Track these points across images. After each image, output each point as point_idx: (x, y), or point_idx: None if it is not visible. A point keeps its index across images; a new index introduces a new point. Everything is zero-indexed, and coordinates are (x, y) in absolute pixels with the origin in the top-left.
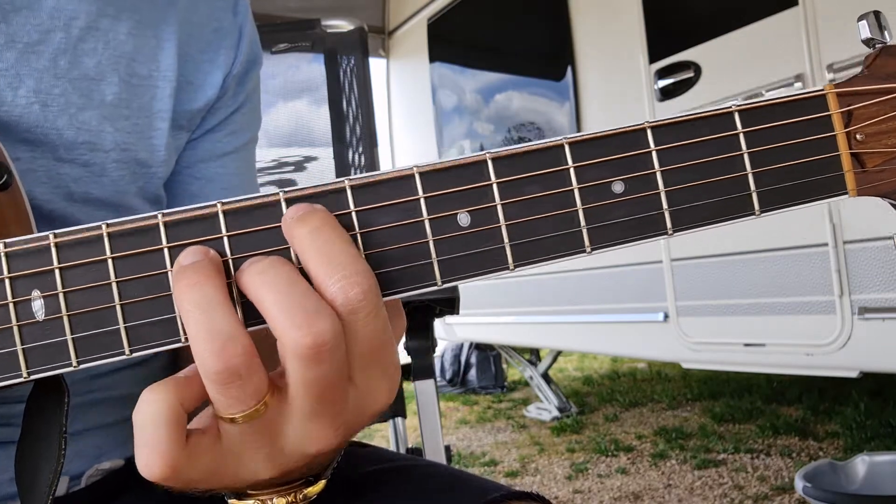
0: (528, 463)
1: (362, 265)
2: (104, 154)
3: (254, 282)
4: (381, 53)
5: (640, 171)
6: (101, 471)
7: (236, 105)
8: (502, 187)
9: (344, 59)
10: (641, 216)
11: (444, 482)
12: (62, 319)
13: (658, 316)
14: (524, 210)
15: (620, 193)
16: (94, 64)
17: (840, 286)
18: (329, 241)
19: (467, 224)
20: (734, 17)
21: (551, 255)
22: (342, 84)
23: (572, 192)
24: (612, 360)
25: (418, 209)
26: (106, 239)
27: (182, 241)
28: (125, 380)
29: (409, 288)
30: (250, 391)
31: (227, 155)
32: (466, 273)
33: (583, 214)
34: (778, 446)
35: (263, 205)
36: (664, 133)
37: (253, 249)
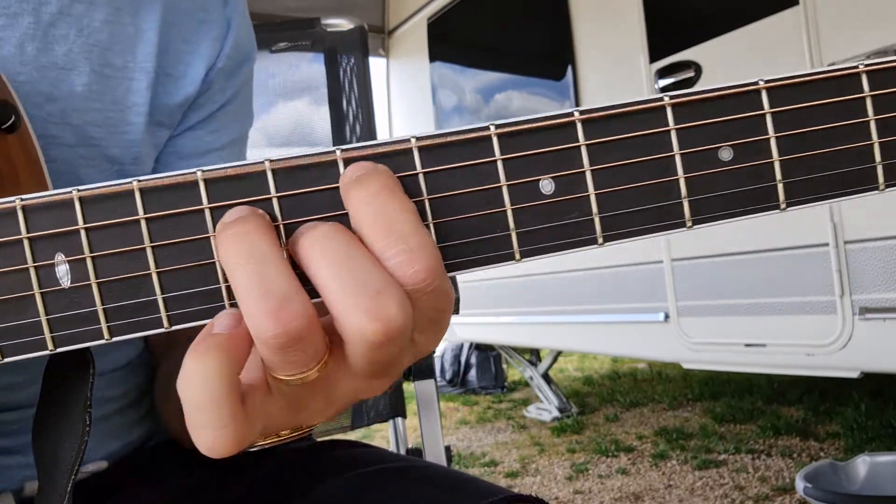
0: (528, 463)
1: (426, 237)
2: (69, 149)
3: (307, 252)
4: (381, 53)
5: (752, 136)
6: (85, 473)
7: (223, 101)
8: (592, 151)
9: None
10: (751, 188)
11: (443, 484)
12: (90, 287)
13: (658, 316)
14: (616, 178)
15: (728, 161)
16: (64, 52)
17: (841, 286)
18: (389, 208)
19: (551, 191)
20: (735, 17)
21: (646, 228)
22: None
23: (673, 158)
24: (613, 361)
25: (495, 173)
26: (138, 196)
27: (225, 201)
28: (99, 384)
29: (484, 261)
30: (311, 354)
31: (210, 153)
32: (548, 246)
33: (684, 184)
34: (779, 447)
35: (318, 164)
36: (781, 95)
37: (306, 214)
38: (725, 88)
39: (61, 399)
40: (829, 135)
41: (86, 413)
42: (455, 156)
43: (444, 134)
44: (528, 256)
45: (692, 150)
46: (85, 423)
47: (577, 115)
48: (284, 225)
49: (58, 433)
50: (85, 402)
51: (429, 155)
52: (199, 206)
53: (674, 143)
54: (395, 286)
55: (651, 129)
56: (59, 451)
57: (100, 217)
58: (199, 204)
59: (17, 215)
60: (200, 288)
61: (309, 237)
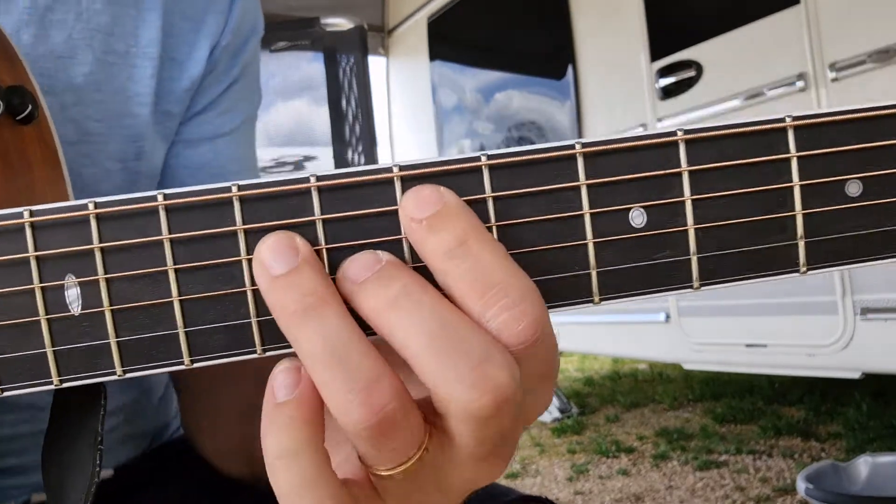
0: (528, 464)
1: (524, 283)
2: (70, 147)
3: (387, 315)
4: (380, 52)
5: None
6: None
7: (229, 81)
8: (694, 178)
9: (343, 58)
10: (883, 230)
11: None
12: (103, 315)
13: (659, 316)
14: (720, 211)
15: (856, 197)
16: (63, 39)
17: (842, 286)
18: (479, 259)
19: (642, 224)
20: (736, 16)
21: (750, 274)
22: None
23: (791, 189)
24: (613, 361)
25: (578, 201)
26: (163, 214)
27: (261, 222)
28: None
29: (557, 304)
30: (408, 439)
31: (219, 138)
32: (633, 291)
33: (801, 221)
34: (780, 447)
35: (369, 182)
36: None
37: (352, 239)
38: (860, 111)
39: (68, 430)
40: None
41: (96, 450)
42: (531, 178)
43: (520, 152)
44: (610, 299)
45: (814, 182)
46: (95, 462)
47: (681, 134)
48: (327, 250)
49: (65, 465)
50: (95, 437)
51: (500, 176)
52: (232, 228)
53: (794, 171)
54: (500, 349)
55: (765, 155)
56: (66, 484)
57: (118, 234)
58: (232, 221)
59: (25, 229)
60: (229, 322)
61: (384, 295)
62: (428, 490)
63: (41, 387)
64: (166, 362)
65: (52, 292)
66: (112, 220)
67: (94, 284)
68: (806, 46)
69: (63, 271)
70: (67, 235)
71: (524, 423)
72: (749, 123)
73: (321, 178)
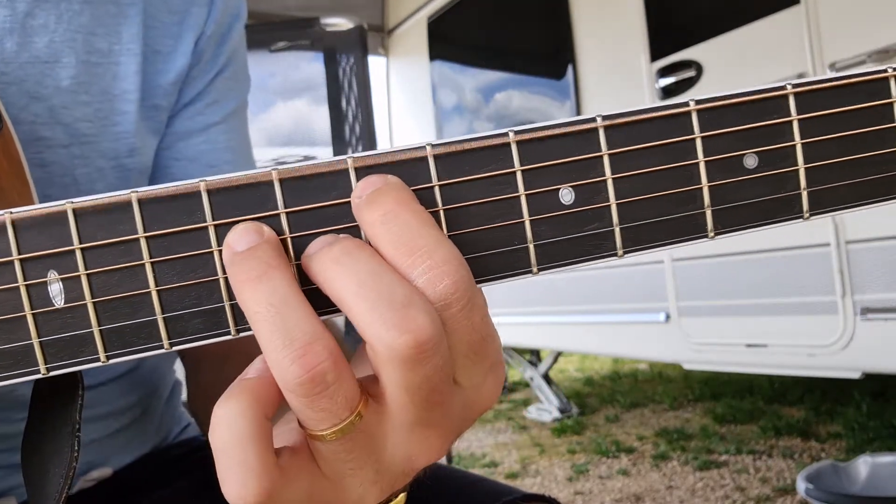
0: (528, 464)
1: (448, 249)
2: (62, 150)
3: (328, 272)
4: (380, 52)
5: (778, 143)
6: (89, 481)
7: (216, 69)
8: (614, 160)
9: (343, 58)
10: (775, 197)
11: (456, 485)
12: (86, 307)
13: (659, 316)
14: (638, 187)
15: (753, 169)
16: (45, 44)
17: (842, 286)
18: (406, 225)
19: (570, 201)
20: (736, 16)
21: (668, 240)
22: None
23: (697, 165)
24: (613, 361)
25: (514, 183)
26: (137, 209)
27: (230, 216)
28: (111, 392)
29: (500, 276)
30: (340, 401)
31: (211, 127)
32: (567, 260)
33: (708, 192)
34: (780, 447)
35: (328, 173)
36: (809, 99)
37: (316, 226)
38: (752, 94)
39: (49, 419)
40: (856, 141)
41: (74, 437)
42: (472, 164)
43: (461, 141)
44: (546, 270)
45: (716, 157)
46: (73, 449)
47: (600, 121)
48: (293, 239)
49: (46, 455)
50: (73, 426)
51: (445, 163)
52: (203, 224)
53: (699, 149)
54: (422, 297)
55: (675, 136)
56: (47, 474)
57: (96, 231)
58: (202, 216)
59: (7, 231)
60: (204, 307)
61: (328, 255)
62: (362, 460)
63: (29, 376)
64: (147, 346)
65: (36, 288)
66: (89, 218)
67: (75, 279)
68: (806, 46)
69: (45, 268)
70: (48, 234)
71: (467, 406)
72: (658, 108)
73: (281, 170)
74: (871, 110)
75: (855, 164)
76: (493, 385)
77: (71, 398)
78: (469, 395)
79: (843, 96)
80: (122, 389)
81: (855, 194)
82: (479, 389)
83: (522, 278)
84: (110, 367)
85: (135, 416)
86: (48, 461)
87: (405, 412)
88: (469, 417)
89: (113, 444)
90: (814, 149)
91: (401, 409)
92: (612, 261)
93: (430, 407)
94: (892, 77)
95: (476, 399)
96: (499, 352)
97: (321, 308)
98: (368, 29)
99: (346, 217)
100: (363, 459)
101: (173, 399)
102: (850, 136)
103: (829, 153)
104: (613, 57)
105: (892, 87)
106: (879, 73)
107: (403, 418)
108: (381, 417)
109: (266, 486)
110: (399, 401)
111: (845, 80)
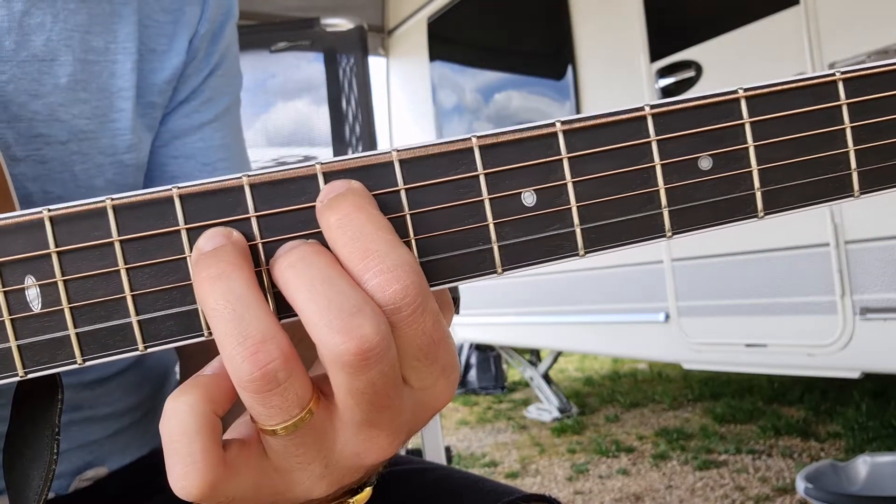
0: (528, 464)
1: (401, 254)
2: (61, 146)
3: (284, 276)
4: (380, 52)
5: (731, 145)
6: (85, 480)
7: (210, 67)
8: (574, 163)
9: (343, 58)
10: (730, 197)
11: (458, 485)
12: (62, 311)
13: (659, 316)
14: (597, 189)
15: (707, 171)
16: (42, 42)
17: (841, 286)
18: (361, 229)
19: (533, 204)
20: (735, 16)
21: (627, 240)
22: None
23: (654, 168)
24: (613, 361)
25: (477, 187)
26: (111, 216)
27: (202, 220)
28: (113, 391)
29: (466, 277)
30: (291, 399)
31: (206, 125)
32: (531, 260)
33: (664, 194)
34: (779, 447)
35: (297, 178)
36: (761, 103)
37: (285, 231)
38: (705, 98)
39: (29, 426)
40: (806, 143)
41: (53, 441)
42: (436, 168)
43: (426, 146)
44: (510, 270)
45: (672, 160)
46: (52, 452)
47: (560, 126)
48: (263, 244)
49: (22, 462)
50: (53, 429)
51: (410, 168)
52: (175, 227)
53: (655, 152)
54: (371, 305)
55: (631, 140)
56: (26, 479)
57: (72, 237)
58: (175, 221)
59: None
60: (176, 309)
61: (286, 260)
62: (311, 455)
63: (7, 379)
64: (122, 349)
65: (14, 294)
66: (66, 224)
67: (52, 284)
68: (805, 47)
69: (23, 273)
70: (24, 240)
71: (420, 406)
72: (615, 113)
73: (252, 175)
74: (820, 113)
75: (807, 165)
76: (445, 387)
77: (50, 402)
78: (420, 396)
79: (793, 99)
80: (123, 391)
81: (807, 194)
82: (430, 391)
83: (487, 278)
84: (112, 367)
85: (135, 419)
86: (28, 465)
87: (352, 413)
88: (422, 418)
89: (112, 445)
90: (766, 150)
91: (347, 410)
92: (611, 260)
93: (376, 410)
94: (839, 80)
95: (427, 400)
96: (452, 355)
97: (289, 311)
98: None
99: (314, 222)
100: (312, 454)
101: None
102: (801, 138)
103: (781, 155)
104: (613, 57)
105: (841, 90)
106: (828, 77)
107: (350, 418)
108: (331, 416)
109: (209, 479)
110: (346, 402)
111: (795, 84)
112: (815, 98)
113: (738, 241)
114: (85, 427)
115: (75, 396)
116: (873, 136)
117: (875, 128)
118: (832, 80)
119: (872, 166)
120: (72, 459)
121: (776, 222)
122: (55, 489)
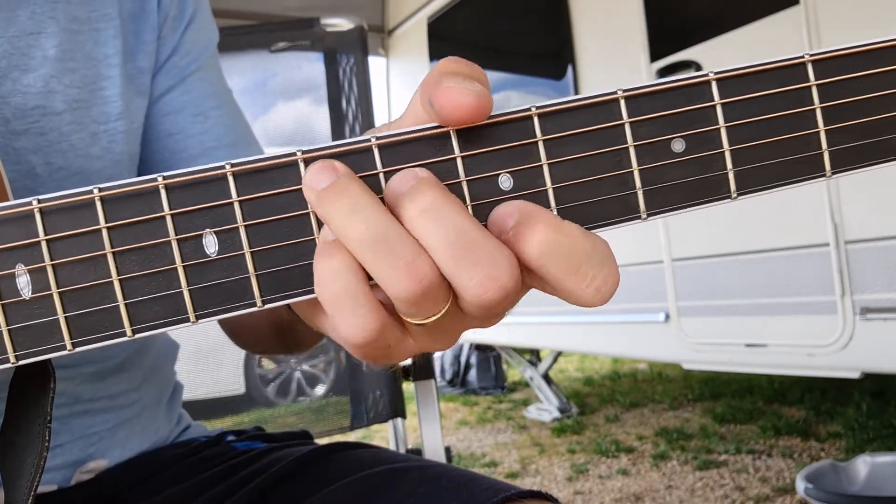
0: (528, 464)
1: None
2: (57, 117)
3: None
4: (380, 52)
5: (703, 127)
6: (86, 473)
7: (185, 22)
8: (548, 146)
9: (343, 58)
10: (703, 177)
11: (453, 482)
12: (52, 297)
13: (659, 316)
14: (570, 171)
15: (681, 153)
16: (28, 15)
17: (842, 286)
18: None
19: (510, 188)
20: (735, 16)
21: (601, 221)
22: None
23: (627, 150)
24: (613, 361)
25: (455, 171)
26: (99, 205)
27: (187, 207)
28: (114, 384)
29: None
30: (440, 301)
31: (188, 77)
32: None
33: (638, 175)
34: (779, 447)
35: (279, 166)
36: (731, 85)
37: (268, 215)
38: (676, 81)
39: (23, 414)
40: (776, 124)
41: (45, 429)
42: (415, 154)
43: (404, 132)
44: None
45: (645, 142)
46: (44, 439)
47: (535, 110)
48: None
49: (20, 447)
50: (45, 417)
51: (388, 153)
52: (161, 213)
53: (628, 134)
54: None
55: (604, 123)
56: (22, 464)
57: (62, 225)
58: (161, 208)
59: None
60: (163, 293)
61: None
62: (440, 332)
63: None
64: (110, 333)
65: (5, 280)
66: (56, 213)
67: (41, 271)
68: (805, 47)
69: (14, 261)
70: (15, 229)
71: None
72: (590, 97)
73: (235, 164)
74: (791, 93)
75: (778, 146)
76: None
77: (43, 391)
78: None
79: (764, 81)
80: (123, 385)
81: (779, 174)
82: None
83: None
84: (112, 361)
85: (135, 413)
86: (22, 452)
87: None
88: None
89: (112, 438)
90: (738, 132)
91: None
92: None
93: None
94: (808, 62)
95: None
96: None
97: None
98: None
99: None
100: (439, 332)
101: (174, 400)
102: (772, 120)
103: (752, 136)
104: (613, 57)
105: (810, 71)
106: (797, 59)
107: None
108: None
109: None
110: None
111: (765, 66)
112: (786, 80)
113: (739, 241)
114: (85, 419)
115: (75, 389)
116: (843, 116)
117: (844, 108)
118: (801, 62)
119: (843, 146)
120: (72, 451)
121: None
122: (57, 481)
